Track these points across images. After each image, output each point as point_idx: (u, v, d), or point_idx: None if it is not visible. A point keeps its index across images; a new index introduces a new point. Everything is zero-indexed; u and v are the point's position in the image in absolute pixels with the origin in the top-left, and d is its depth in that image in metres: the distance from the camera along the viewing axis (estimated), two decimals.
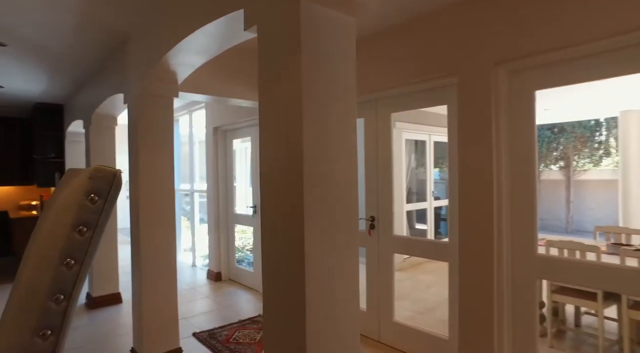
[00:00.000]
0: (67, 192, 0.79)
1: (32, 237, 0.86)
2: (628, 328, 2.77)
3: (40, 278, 0.74)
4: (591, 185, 8.31)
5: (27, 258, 0.79)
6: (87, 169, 0.81)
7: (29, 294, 0.74)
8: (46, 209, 0.87)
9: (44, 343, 0.72)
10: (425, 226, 6.73)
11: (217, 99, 3.42)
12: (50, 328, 0.73)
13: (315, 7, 1.34)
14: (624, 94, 4.46)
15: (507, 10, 2.18)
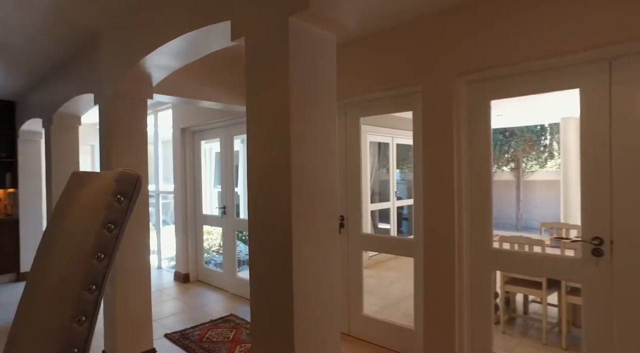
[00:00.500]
0: (94, 194, 0.88)
1: (54, 234, 0.93)
2: (565, 312, 3.15)
3: (74, 271, 0.82)
4: (538, 185, 9.03)
5: (56, 253, 0.87)
6: (111, 172, 0.90)
7: (64, 285, 0.82)
8: (66, 209, 0.95)
9: (80, 327, 0.81)
10: (388, 225, 7.01)
11: (187, 100, 3.44)
12: (84, 314, 0.82)
13: (302, 24, 1.48)
14: (564, 102, 4.97)
15: (466, 27, 2.43)
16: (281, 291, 1.51)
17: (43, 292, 0.85)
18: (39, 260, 0.96)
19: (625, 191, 2.06)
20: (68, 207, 0.95)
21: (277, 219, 1.51)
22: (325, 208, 1.61)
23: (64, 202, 1.02)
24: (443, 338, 2.62)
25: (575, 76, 2.22)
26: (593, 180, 2.17)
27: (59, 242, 0.89)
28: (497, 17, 2.30)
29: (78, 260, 0.83)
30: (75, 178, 1.08)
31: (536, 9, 2.15)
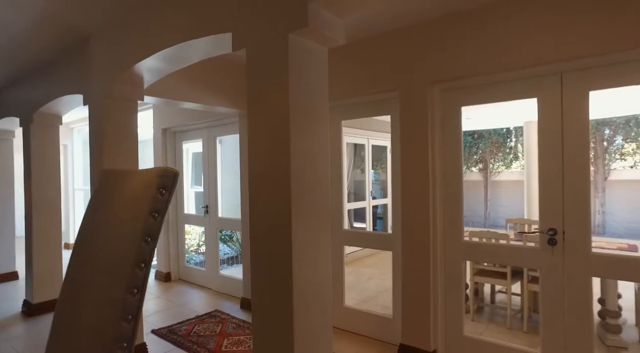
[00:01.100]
0: (139, 187, 1.06)
1: (99, 221, 1.10)
2: (527, 299, 3.50)
3: (127, 252, 1.00)
4: (504, 184, 9.60)
5: (107, 236, 1.04)
6: (153, 169, 1.07)
7: (119, 263, 0.99)
8: (108, 200, 1.12)
9: (133, 298, 0.98)
10: (364, 224, 7.28)
11: (173, 102, 3.55)
12: (136, 288, 0.99)
13: (300, 40, 1.69)
14: (527, 107, 5.41)
15: (439, 41, 2.70)
16: (281, 279, 1.71)
17: (99, 269, 1.01)
18: (85, 243, 1.12)
19: (573, 187, 2.39)
20: (110, 199, 1.12)
21: (277, 215, 1.71)
22: (319, 203, 1.82)
23: (103, 194, 1.18)
24: (420, 325, 2.88)
25: (533, 87, 2.53)
26: (549, 179, 2.49)
27: (109, 227, 1.05)
28: (466, 33, 2.59)
29: (129, 242, 1.00)
30: (109, 175, 1.25)
31: (500, 27, 2.45)
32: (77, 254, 1.15)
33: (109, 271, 1.01)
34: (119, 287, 0.98)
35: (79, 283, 1.09)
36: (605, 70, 2.29)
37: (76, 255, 1.15)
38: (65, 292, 1.13)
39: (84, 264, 1.09)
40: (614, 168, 8.38)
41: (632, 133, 8.12)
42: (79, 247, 1.15)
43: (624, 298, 3.44)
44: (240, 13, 1.84)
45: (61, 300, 1.14)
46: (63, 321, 1.11)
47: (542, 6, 2.29)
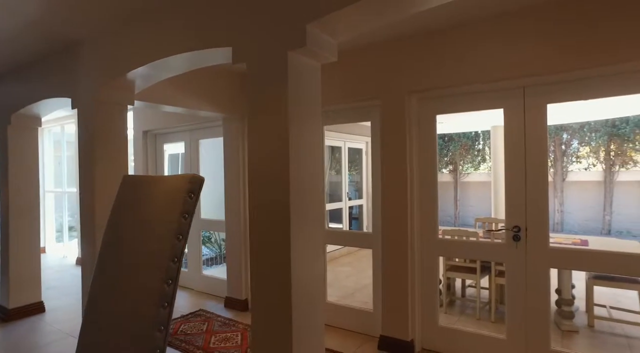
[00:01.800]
0: (171, 191, 1.22)
1: (132, 221, 1.25)
2: (495, 292, 3.83)
3: (163, 248, 1.16)
4: (472, 185, 10.13)
5: (144, 235, 1.19)
6: (183, 175, 1.23)
7: (157, 258, 1.15)
8: (139, 203, 1.27)
9: (168, 288, 1.14)
10: (340, 225, 7.51)
11: (152, 105, 3.57)
12: (171, 279, 1.15)
13: (297, 57, 1.88)
14: (494, 113, 5.83)
15: (417, 55, 2.96)
16: (280, 274, 1.88)
17: (139, 263, 1.17)
18: (119, 240, 1.27)
19: (534, 188, 2.71)
20: (142, 201, 1.27)
21: (276, 215, 1.88)
22: (314, 204, 2.01)
23: (131, 197, 1.33)
24: (399, 317, 3.13)
25: (500, 98, 2.84)
26: (514, 180, 2.80)
27: (146, 227, 1.21)
28: (441, 49, 2.85)
29: (165, 240, 1.17)
30: (133, 180, 1.39)
31: (470, 45, 2.73)
32: (111, 250, 1.29)
33: (147, 265, 1.16)
34: (157, 278, 1.14)
35: (116, 275, 1.23)
36: (559, 86, 2.61)
37: (109, 251, 1.29)
38: (100, 284, 1.27)
39: (121, 259, 1.24)
40: (571, 170, 9.05)
41: (586, 137, 8.81)
42: (112, 244, 1.29)
43: (577, 289, 3.83)
44: (240, 30, 2.00)
45: (96, 292, 1.27)
46: (99, 309, 1.25)
47: (506, 28, 2.59)
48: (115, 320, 1.19)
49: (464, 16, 2.62)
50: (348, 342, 3.31)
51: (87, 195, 2.95)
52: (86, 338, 1.27)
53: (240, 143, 4.08)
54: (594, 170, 8.87)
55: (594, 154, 8.92)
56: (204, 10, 2.17)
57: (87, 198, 2.95)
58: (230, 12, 2.05)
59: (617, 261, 2.56)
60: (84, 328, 1.27)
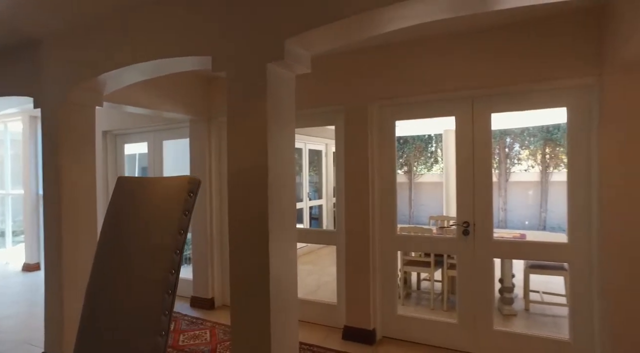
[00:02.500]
0: (172, 191, 1.36)
1: (135, 216, 1.38)
2: (447, 283, 4.21)
3: (167, 241, 1.30)
4: (425, 186, 10.73)
5: (148, 228, 1.33)
6: (183, 177, 1.38)
7: (162, 250, 1.29)
8: (140, 201, 1.40)
9: (172, 277, 1.29)
10: (300, 225, 7.71)
11: (114, 105, 3.55)
12: (174, 269, 1.30)
13: (275, 68, 2.06)
14: (446, 118, 6.33)
15: (379, 65, 3.24)
16: (259, 268, 2.05)
17: (144, 255, 1.30)
18: (121, 235, 1.39)
19: (481, 187, 3.07)
20: (143, 200, 1.41)
21: (255, 212, 2.05)
22: (288, 202, 2.20)
23: (131, 196, 1.46)
24: (361, 308, 3.39)
25: (452, 107, 3.18)
26: (463, 181, 3.15)
27: (150, 223, 1.34)
28: (401, 61, 3.15)
29: (168, 234, 1.32)
30: (130, 181, 1.52)
31: (428, 58, 3.05)
32: (111, 247, 1.41)
33: (152, 257, 1.30)
34: (162, 268, 1.29)
35: (119, 267, 1.36)
36: (501, 98, 3.00)
37: (110, 248, 1.41)
38: (101, 276, 1.38)
39: (123, 254, 1.36)
40: (514, 171, 9.89)
41: (526, 141, 9.68)
42: (111, 241, 1.41)
43: (517, 278, 4.31)
44: (221, 40, 2.15)
45: (96, 282, 1.39)
46: (102, 300, 1.37)
47: (458, 46, 2.93)
48: (121, 309, 1.31)
49: (421, 33, 2.92)
50: (314, 334, 3.52)
51: (53, 197, 2.93)
52: (87, 330, 1.38)
53: (206, 144, 4.16)
54: (532, 171, 9.76)
55: (532, 156, 9.81)
56: (185, 18, 2.29)
57: (53, 200, 2.92)
58: (211, 23, 2.19)
59: (544, 249, 2.99)
60: (84, 322, 1.38)
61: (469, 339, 3.13)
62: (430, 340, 3.27)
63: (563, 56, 2.61)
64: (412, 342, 3.32)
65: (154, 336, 1.25)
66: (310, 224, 8.30)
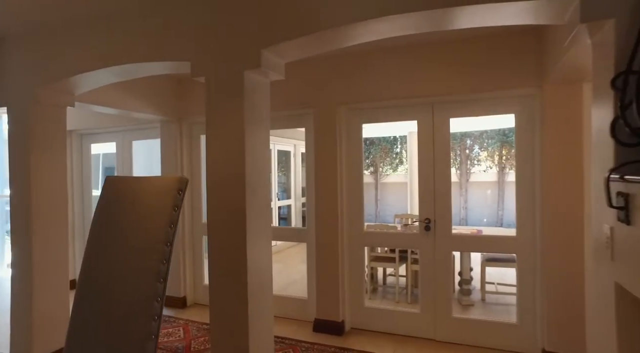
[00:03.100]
0: (162, 189, 1.50)
1: (129, 212, 1.51)
2: (410, 277, 4.51)
3: (159, 234, 1.44)
4: (391, 186, 11.14)
5: (141, 223, 1.47)
6: (172, 176, 1.52)
7: (153, 242, 1.44)
8: (132, 198, 1.53)
9: (164, 267, 1.44)
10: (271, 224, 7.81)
11: (82, 105, 3.56)
12: (165, 259, 1.44)
13: (252, 75, 2.22)
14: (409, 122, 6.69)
15: (346, 71, 3.46)
16: (237, 263, 2.21)
17: (137, 247, 1.44)
18: (113, 229, 1.51)
19: (441, 186, 3.37)
20: (135, 198, 1.54)
21: (234, 209, 2.21)
22: (264, 200, 2.37)
23: (122, 194, 1.58)
24: (331, 302, 3.59)
25: (414, 112, 3.46)
26: (425, 180, 3.43)
27: (142, 218, 1.48)
28: (368, 68, 3.39)
29: (160, 228, 1.46)
30: (119, 181, 1.65)
31: (392, 66, 3.30)
32: (103, 242, 1.53)
33: (145, 248, 1.44)
34: (154, 259, 1.44)
35: (112, 258, 1.48)
36: (458, 105, 3.30)
37: (103, 239, 1.53)
38: (93, 267, 1.50)
39: (116, 247, 1.49)
40: (473, 172, 10.48)
41: (485, 143, 10.29)
42: (104, 236, 1.53)
43: (475, 271, 4.68)
44: (200, 48, 2.28)
45: (89, 272, 1.51)
46: (95, 289, 1.49)
47: (420, 56, 3.21)
48: (113, 297, 1.44)
49: (387, 43, 3.17)
50: (286, 327, 3.69)
51: (22, 197, 2.93)
52: (79, 320, 1.50)
53: (177, 144, 4.23)
54: (491, 172, 10.38)
55: (490, 157, 10.44)
56: (165, 24, 2.40)
57: (22, 200, 2.92)
58: (191, 31, 2.32)
59: (496, 242, 3.34)
60: (77, 307, 1.49)
61: (430, 327, 3.41)
62: (395, 329, 3.52)
63: (511, 69, 2.94)
64: (379, 331, 3.56)
65: (148, 320, 1.39)
66: (279, 224, 8.42)
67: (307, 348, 3.26)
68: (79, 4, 2.42)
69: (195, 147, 4.32)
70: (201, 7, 2.30)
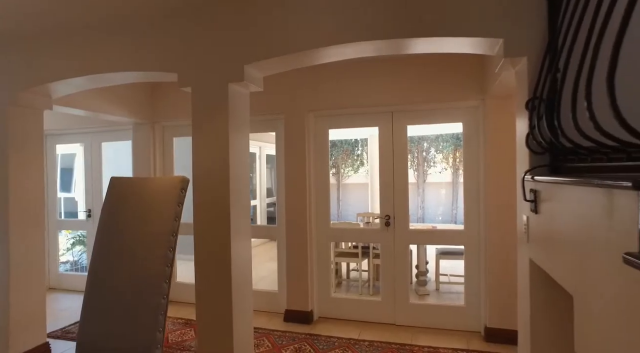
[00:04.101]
0: (168, 188, 1.79)
1: (139, 210, 1.78)
2: (372, 271, 4.94)
3: (165, 226, 1.73)
4: (352, 187, 11.64)
5: (148, 217, 1.74)
6: (176, 176, 1.80)
7: (161, 234, 1.72)
8: (139, 196, 1.80)
9: (170, 253, 1.72)
10: None
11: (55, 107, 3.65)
12: (172, 248, 1.73)
13: (235, 87, 2.52)
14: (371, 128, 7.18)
15: (312, 82, 3.82)
16: (221, 257, 2.50)
17: (146, 238, 1.71)
18: (123, 222, 1.77)
19: (399, 186, 3.81)
20: (141, 196, 1.81)
21: (219, 206, 2.49)
22: (244, 200, 2.67)
23: (128, 193, 1.84)
24: (301, 293, 3.93)
25: (376, 119, 3.88)
26: (385, 181, 3.86)
27: (149, 212, 1.75)
28: (334, 79, 3.77)
29: (166, 221, 1.75)
30: (124, 181, 1.90)
31: (356, 78, 3.70)
32: (112, 234, 1.78)
33: (154, 240, 1.72)
34: (163, 247, 1.72)
35: (122, 247, 1.74)
36: (414, 113, 3.76)
37: (112, 232, 1.78)
38: (105, 256, 1.75)
39: (126, 238, 1.75)
40: (430, 173, 11.20)
41: (440, 146, 11.04)
42: (113, 228, 1.79)
43: (430, 265, 5.19)
44: (187, 60, 2.55)
45: (100, 260, 1.75)
46: (107, 274, 1.74)
47: (380, 70, 3.63)
48: (125, 281, 1.70)
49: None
50: (258, 319, 3.99)
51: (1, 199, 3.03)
52: (94, 296, 1.74)
53: (150, 146, 4.40)
54: (445, 173, 11.14)
55: (445, 160, 11.20)
56: (152, 35, 2.64)
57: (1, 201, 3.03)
58: (179, 45, 2.58)
59: (447, 236, 3.85)
60: (90, 293, 1.74)
61: (391, 313, 3.84)
62: (359, 316, 3.92)
63: (460, 85, 3.43)
64: (344, 319, 3.95)
65: (158, 297, 1.67)
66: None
67: (279, 336, 3.58)
68: (68, 14, 2.61)
69: (167, 149, 4.50)
70: (189, 25, 2.56)
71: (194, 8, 2.52)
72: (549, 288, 1.77)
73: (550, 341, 1.83)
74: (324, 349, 3.32)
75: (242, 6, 2.44)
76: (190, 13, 2.55)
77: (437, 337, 3.51)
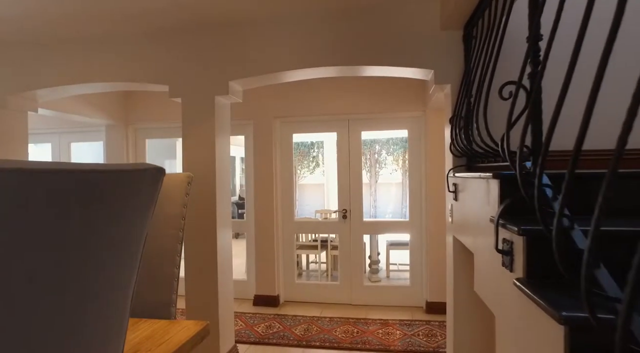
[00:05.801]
0: (175, 187, 2.27)
1: (160, 199, 2.24)
2: (330, 262, 5.56)
3: (173, 222, 2.21)
4: (308, 187, 12.25)
5: (166, 204, 2.22)
6: (181, 174, 2.28)
7: (170, 228, 2.20)
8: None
9: (180, 245, 2.20)
10: None
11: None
12: (180, 241, 2.21)
13: (220, 99, 3.02)
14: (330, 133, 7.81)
15: (279, 91, 4.37)
16: (208, 247, 2.98)
17: (156, 233, 2.18)
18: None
19: (355, 184, 4.45)
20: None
21: (206, 202, 2.97)
22: (226, 197, 3.16)
23: None
24: (268, 280, 4.46)
25: (335, 125, 4.50)
26: (343, 180, 4.49)
27: (165, 199, 2.22)
28: (299, 89, 4.34)
29: (174, 216, 2.23)
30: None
31: (318, 89, 4.30)
32: None
33: (163, 234, 2.19)
34: (173, 240, 2.20)
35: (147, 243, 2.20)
36: (367, 121, 4.43)
37: None
38: None
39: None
40: (381, 174, 12.08)
41: (391, 149, 11.96)
42: None
43: (381, 255, 5.91)
44: (178, 74, 3.00)
45: None
46: None
47: (338, 83, 4.25)
48: (148, 254, 2.16)
49: None
50: None
51: None
52: None
53: (123, 148, 4.72)
54: (396, 174, 12.07)
55: (395, 161, 12.14)
56: (145, 50, 3.06)
57: None
58: (171, 60, 3.03)
59: (395, 225, 4.59)
60: None
61: (347, 294, 4.47)
62: (320, 299, 4.52)
63: (405, 98, 4.13)
64: (307, 301, 4.52)
65: (172, 268, 2.15)
66: None
67: (250, 317, 4.08)
68: (67, 30, 2.97)
69: (140, 149, 4.83)
70: (178, 42, 3.02)
71: (181, 31, 2.99)
72: (465, 254, 2.46)
73: (467, 292, 2.52)
74: (291, 325, 3.87)
75: (223, 34, 2.95)
76: (179, 34, 3.01)
77: (387, 311, 4.19)
